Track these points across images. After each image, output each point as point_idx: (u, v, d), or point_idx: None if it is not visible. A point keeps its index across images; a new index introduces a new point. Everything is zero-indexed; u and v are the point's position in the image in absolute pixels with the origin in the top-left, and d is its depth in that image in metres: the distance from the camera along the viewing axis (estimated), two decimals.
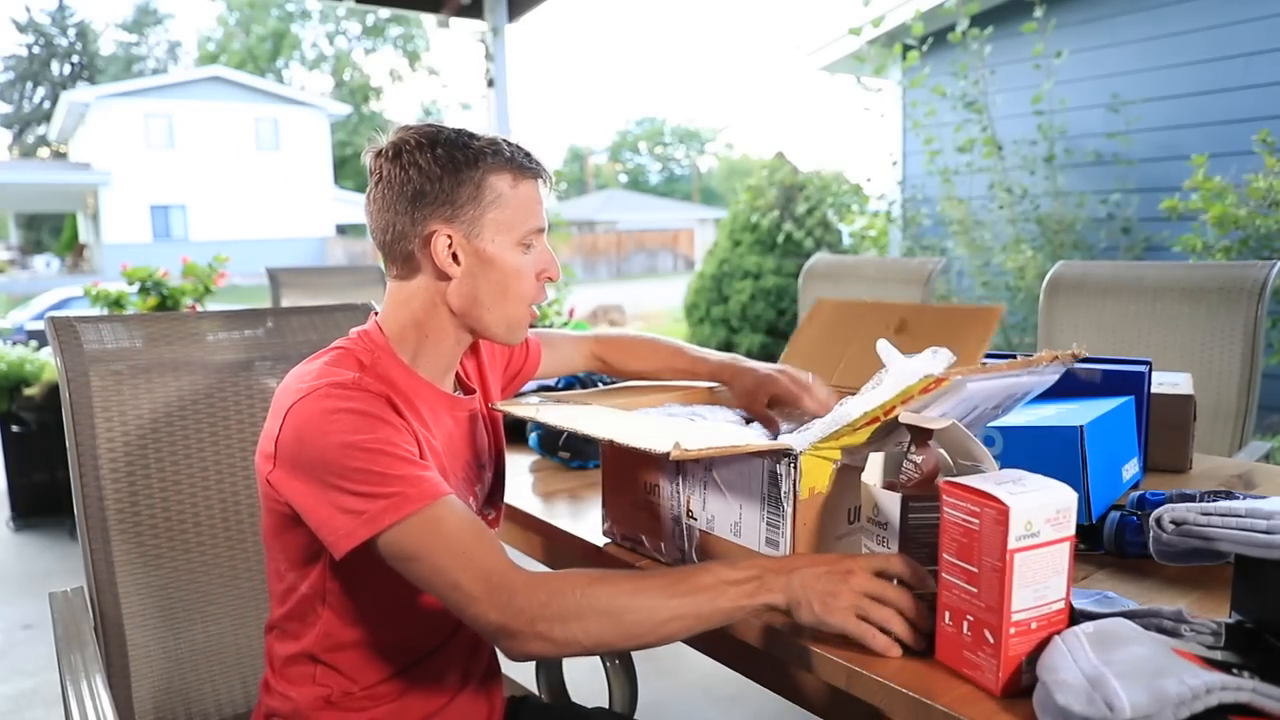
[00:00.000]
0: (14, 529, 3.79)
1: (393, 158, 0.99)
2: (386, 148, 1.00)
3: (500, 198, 1.00)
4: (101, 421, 1.22)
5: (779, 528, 0.92)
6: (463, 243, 1.00)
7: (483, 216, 1.00)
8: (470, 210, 0.99)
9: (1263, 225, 3.28)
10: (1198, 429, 1.42)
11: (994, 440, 1.11)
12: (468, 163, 0.98)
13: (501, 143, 1.02)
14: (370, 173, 1.02)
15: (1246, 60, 4.15)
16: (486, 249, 1.00)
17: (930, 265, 2.65)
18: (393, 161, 0.99)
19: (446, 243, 0.99)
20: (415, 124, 1.02)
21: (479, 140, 1.00)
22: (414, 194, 0.98)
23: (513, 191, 1.01)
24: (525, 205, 1.02)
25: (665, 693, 2.38)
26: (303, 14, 35.14)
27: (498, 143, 1.01)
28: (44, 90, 35.28)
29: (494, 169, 0.99)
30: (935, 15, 4.88)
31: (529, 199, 1.02)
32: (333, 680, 1.03)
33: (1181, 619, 0.76)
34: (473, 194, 0.99)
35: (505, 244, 1.01)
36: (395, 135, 1.01)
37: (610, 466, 1.14)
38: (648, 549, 1.09)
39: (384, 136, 1.02)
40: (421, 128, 1.01)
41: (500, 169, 1.00)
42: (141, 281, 3.83)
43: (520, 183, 1.02)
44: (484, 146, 1.00)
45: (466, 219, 0.99)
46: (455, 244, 1.00)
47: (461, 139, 1.00)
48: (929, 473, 0.83)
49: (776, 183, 6.71)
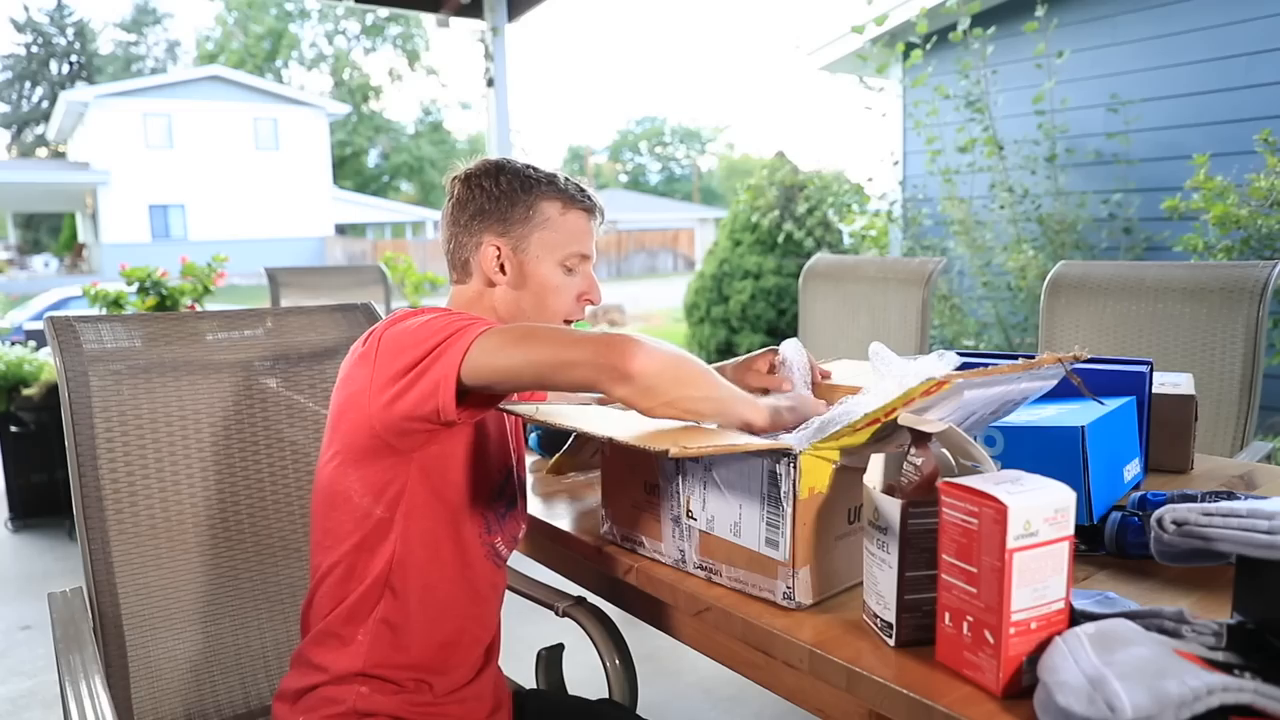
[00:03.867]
0: (13, 529, 3.79)
1: (465, 180, 1.16)
2: (462, 173, 1.17)
3: (548, 221, 1.15)
4: (101, 421, 1.22)
5: (779, 527, 0.92)
6: (510, 255, 1.15)
7: (530, 235, 1.15)
8: (520, 228, 1.14)
9: (1264, 225, 3.27)
10: (1199, 429, 1.41)
11: (995, 440, 1.11)
12: (524, 188, 1.15)
13: (560, 176, 1.17)
14: (447, 194, 1.19)
15: (1248, 60, 4.14)
16: (529, 264, 1.15)
17: (931, 265, 2.65)
18: (465, 184, 1.16)
19: (495, 253, 1.15)
20: (493, 158, 1.19)
21: (540, 172, 1.17)
22: (475, 211, 1.15)
23: (561, 218, 1.16)
24: (571, 231, 1.16)
25: (665, 693, 2.38)
26: (301, 13, 35.14)
27: (556, 176, 1.17)
28: (42, 90, 35.28)
29: (547, 195, 1.15)
30: (937, 14, 4.87)
31: (576, 227, 1.17)
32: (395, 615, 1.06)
33: (1183, 620, 0.76)
34: (524, 214, 1.14)
35: (548, 262, 1.15)
36: (472, 164, 1.18)
37: (610, 466, 1.14)
38: (647, 549, 1.09)
39: (464, 163, 1.19)
40: (494, 159, 1.18)
41: (553, 196, 1.16)
42: (140, 281, 3.83)
43: (569, 211, 1.16)
44: (542, 177, 1.16)
45: (515, 235, 1.15)
46: (503, 255, 1.15)
47: (525, 169, 1.16)
48: (929, 474, 0.83)
49: (777, 183, 6.70)
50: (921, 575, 0.82)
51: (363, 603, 1.06)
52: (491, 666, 1.17)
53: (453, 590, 1.09)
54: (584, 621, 1.22)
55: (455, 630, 1.11)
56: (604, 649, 1.20)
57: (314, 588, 1.11)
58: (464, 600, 1.11)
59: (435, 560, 1.07)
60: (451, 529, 1.07)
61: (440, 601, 1.09)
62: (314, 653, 1.09)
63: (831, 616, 0.91)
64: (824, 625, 0.89)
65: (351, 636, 1.07)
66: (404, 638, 1.07)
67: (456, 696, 1.11)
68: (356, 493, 1.05)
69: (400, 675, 1.07)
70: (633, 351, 0.88)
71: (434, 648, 1.09)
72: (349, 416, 1.03)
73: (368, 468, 1.04)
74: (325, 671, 1.07)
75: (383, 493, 1.04)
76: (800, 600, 0.92)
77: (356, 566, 1.07)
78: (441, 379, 0.94)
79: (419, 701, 1.08)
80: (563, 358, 0.91)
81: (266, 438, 1.35)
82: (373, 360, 1.01)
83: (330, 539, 1.08)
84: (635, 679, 1.21)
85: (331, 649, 1.07)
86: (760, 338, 6.56)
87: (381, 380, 0.99)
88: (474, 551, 1.10)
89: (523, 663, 1.37)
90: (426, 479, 1.04)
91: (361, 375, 1.01)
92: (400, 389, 0.97)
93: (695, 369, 0.93)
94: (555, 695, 1.28)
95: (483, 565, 1.12)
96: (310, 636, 1.10)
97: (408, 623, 1.07)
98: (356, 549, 1.06)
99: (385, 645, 1.07)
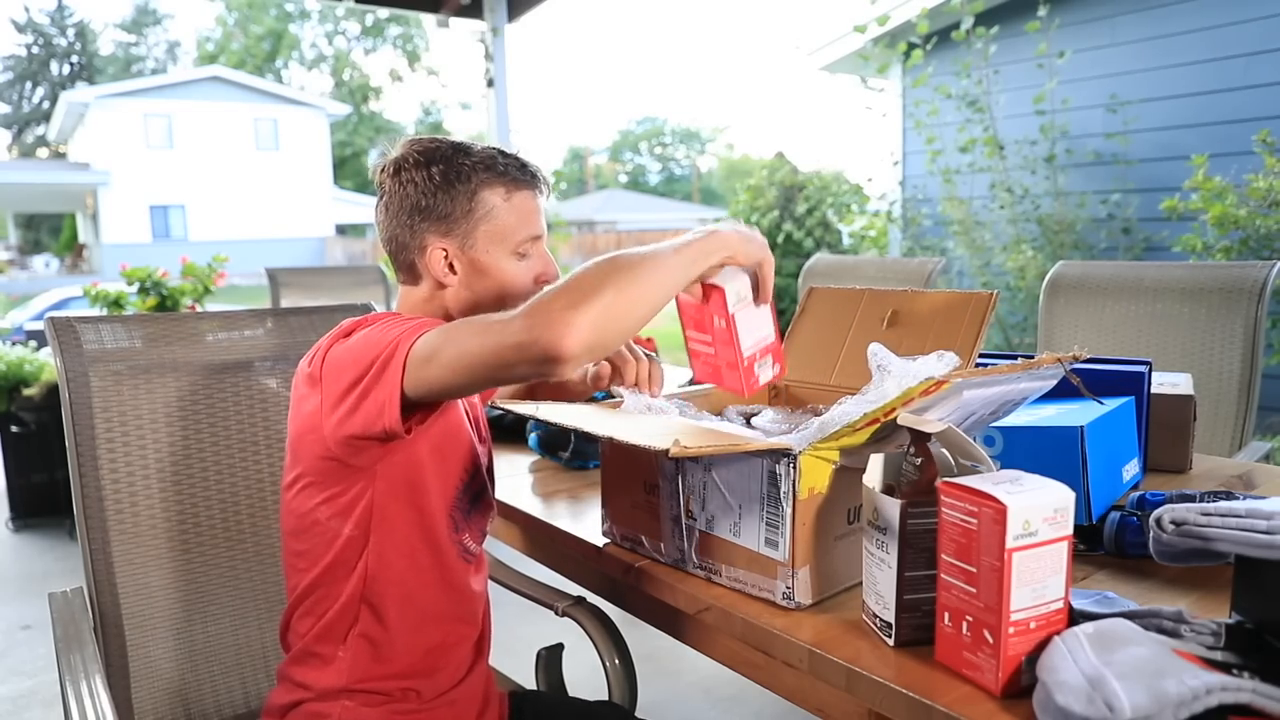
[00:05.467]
0: (13, 529, 3.79)
1: (394, 174, 1.05)
2: (389, 164, 1.06)
3: (493, 210, 1.05)
4: (101, 421, 1.22)
5: (778, 527, 0.92)
6: (458, 254, 1.05)
7: (476, 229, 1.05)
8: (464, 224, 1.04)
9: (1263, 225, 3.28)
10: (1198, 429, 1.42)
11: (994, 440, 1.11)
12: (460, 178, 1.03)
13: (497, 155, 1.06)
14: (377, 187, 1.08)
15: (1247, 60, 4.15)
16: (481, 259, 1.05)
17: (930, 265, 2.65)
18: (394, 178, 1.05)
19: (442, 255, 1.05)
20: (418, 138, 1.07)
21: (474, 155, 1.05)
22: (411, 208, 1.04)
23: (506, 204, 1.05)
24: (519, 216, 1.06)
25: (665, 693, 2.38)
26: (301, 14, 35.14)
27: (493, 156, 1.05)
28: (43, 90, 35.28)
29: (486, 183, 1.04)
30: (938, 14, 4.88)
31: (523, 210, 1.06)
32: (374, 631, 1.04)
33: (1181, 619, 0.76)
34: (466, 208, 1.04)
35: (500, 254, 1.06)
36: (398, 151, 1.06)
37: (610, 466, 1.14)
38: (647, 549, 1.09)
39: (391, 151, 1.07)
40: (422, 143, 1.06)
41: (493, 183, 1.05)
42: (141, 282, 3.83)
43: (514, 194, 1.06)
44: (478, 162, 1.04)
45: (460, 232, 1.04)
46: (451, 255, 1.05)
47: (458, 155, 1.04)
48: (928, 474, 0.83)
49: (776, 183, 6.70)
50: (921, 575, 0.82)
51: (340, 621, 1.04)
52: (482, 663, 1.16)
53: (433, 596, 1.07)
54: (584, 621, 1.22)
55: (440, 634, 1.09)
56: (604, 649, 1.20)
57: (290, 608, 1.09)
58: (446, 603, 1.09)
59: (413, 569, 1.05)
60: (425, 535, 1.05)
61: (421, 609, 1.07)
62: (296, 671, 1.07)
63: (831, 616, 0.91)
64: (824, 625, 0.90)
65: (332, 655, 1.05)
66: (386, 650, 1.05)
67: (446, 699, 1.09)
68: (325, 515, 1.03)
69: (386, 685, 1.05)
70: (560, 330, 0.82)
71: (419, 655, 1.07)
72: (307, 440, 1.01)
73: (332, 488, 1.01)
74: (309, 689, 1.05)
75: (350, 512, 1.02)
76: (800, 600, 0.92)
77: (331, 587, 1.05)
78: (386, 399, 0.91)
79: (405, 709, 1.06)
80: (495, 357, 0.86)
81: (266, 438, 1.35)
82: (319, 382, 0.98)
83: (303, 561, 1.06)
84: (635, 679, 1.21)
85: (313, 668, 1.06)
86: None
87: (330, 402, 0.96)
88: (448, 553, 1.08)
89: (522, 662, 1.37)
90: (393, 490, 1.02)
91: (312, 398, 0.99)
92: (346, 410, 0.94)
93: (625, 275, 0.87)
94: (554, 697, 1.28)
95: (458, 565, 1.10)
96: (291, 656, 1.08)
97: (389, 635, 1.05)
98: (329, 569, 1.04)
99: (367, 659, 1.05)
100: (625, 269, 0.87)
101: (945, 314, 1.19)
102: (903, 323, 1.24)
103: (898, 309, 1.26)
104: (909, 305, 1.25)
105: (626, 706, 1.20)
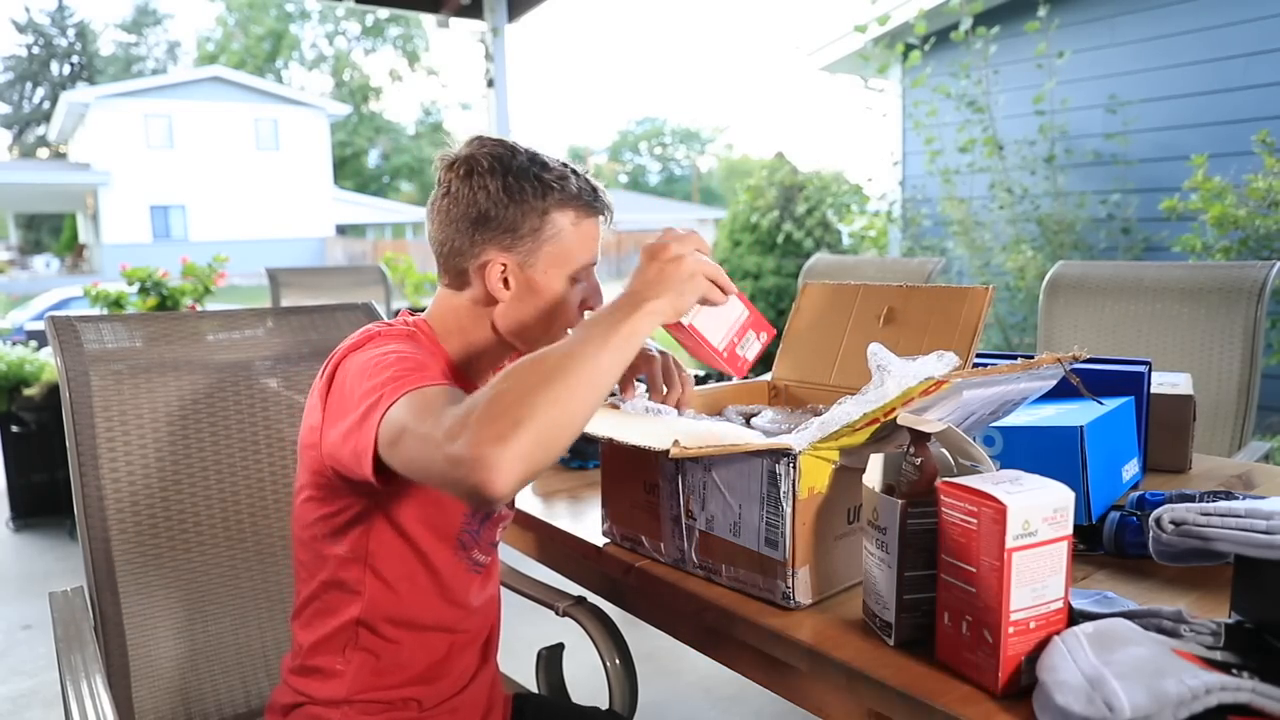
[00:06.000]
0: (14, 529, 3.79)
1: (464, 175, 0.99)
2: (460, 162, 1.00)
3: (560, 233, 1.01)
4: (101, 421, 1.22)
5: (778, 527, 0.92)
6: (516, 271, 1.01)
7: (540, 248, 1.01)
8: (530, 242, 1.00)
9: (1262, 225, 3.28)
10: (1197, 429, 1.42)
11: (994, 440, 1.11)
12: (536, 195, 0.99)
13: (571, 175, 1.02)
14: (439, 182, 1.02)
15: (1246, 61, 4.15)
16: (538, 279, 1.02)
17: (930, 265, 2.65)
18: (464, 179, 0.99)
19: (500, 270, 1.01)
20: (488, 138, 1.02)
21: (550, 172, 1.01)
22: (478, 216, 0.99)
23: (574, 229, 1.02)
24: (583, 242, 1.03)
25: (665, 693, 2.38)
26: (302, 14, 35.14)
27: (567, 176, 1.02)
28: (43, 90, 35.29)
29: (559, 204, 1.00)
30: (938, 15, 4.88)
31: (588, 236, 1.04)
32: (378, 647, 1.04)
33: (1181, 619, 0.76)
34: (535, 226, 1.00)
35: (557, 276, 1.02)
36: (469, 149, 1.01)
37: (610, 466, 1.14)
38: (647, 549, 1.09)
39: (457, 146, 1.02)
40: (496, 147, 1.01)
41: (566, 205, 1.01)
42: (141, 282, 3.83)
43: (583, 220, 1.03)
44: (553, 180, 1.00)
45: (524, 249, 1.00)
46: (509, 271, 1.01)
47: (534, 169, 1.00)
48: (928, 474, 0.83)
49: (776, 183, 6.70)
50: (920, 575, 0.82)
51: (340, 635, 1.04)
52: (487, 667, 1.15)
53: (436, 613, 1.06)
54: (584, 621, 1.22)
55: (445, 646, 1.08)
56: (604, 649, 1.20)
57: (297, 609, 1.09)
58: (450, 618, 1.08)
59: (413, 591, 1.04)
60: (423, 560, 1.04)
61: (422, 627, 1.06)
62: (299, 680, 1.07)
63: (831, 616, 0.91)
64: (824, 625, 0.90)
65: (332, 668, 1.04)
66: (388, 663, 1.04)
67: (447, 706, 1.08)
68: (321, 533, 1.03)
69: (388, 695, 1.05)
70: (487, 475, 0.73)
71: (421, 668, 1.06)
72: (309, 453, 1.00)
73: (330, 505, 1.01)
74: (311, 697, 1.05)
75: (345, 536, 1.01)
76: (799, 600, 0.92)
77: (329, 602, 1.04)
78: (363, 450, 0.86)
79: (405, 718, 1.05)
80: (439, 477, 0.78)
81: (267, 438, 1.35)
82: (325, 398, 0.97)
83: (305, 571, 1.06)
84: (635, 679, 1.21)
85: (315, 680, 1.05)
86: None
87: (330, 422, 0.95)
88: (451, 571, 1.07)
89: (523, 662, 1.37)
90: (388, 517, 1.01)
91: (318, 411, 0.97)
92: (337, 440, 0.92)
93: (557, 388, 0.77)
94: (556, 702, 1.28)
95: (464, 579, 1.09)
96: (295, 664, 1.08)
97: (391, 651, 1.04)
98: (326, 586, 1.04)
99: (368, 673, 1.04)
100: (557, 381, 0.78)
101: (942, 311, 1.19)
102: (899, 320, 1.24)
103: (894, 306, 1.26)
104: (904, 302, 1.25)
105: (627, 707, 1.20)
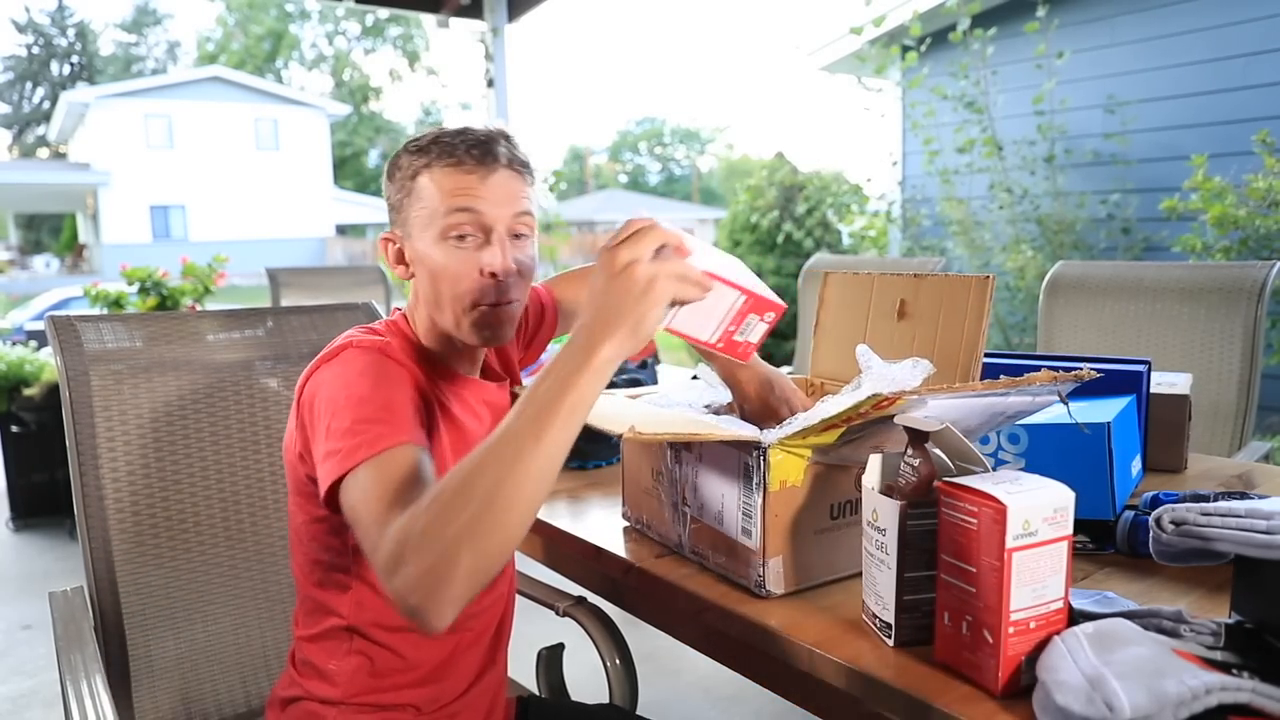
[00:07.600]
0: (14, 529, 3.79)
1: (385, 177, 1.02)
2: None
3: (420, 190, 0.95)
4: (101, 421, 1.22)
5: (751, 517, 0.94)
6: (405, 244, 0.98)
7: (409, 213, 0.96)
8: (403, 213, 0.97)
9: (1262, 225, 3.28)
10: (1197, 429, 1.42)
11: (1019, 438, 1.11)
12: (400, 165, 0.97)
13: (440, 133, 0.96)
14: None
15: (1246, 61, 4.15)
16: (417, 247, 0.96)
17: (930, 265, 2.65)
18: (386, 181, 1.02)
19: (387, 247, 1.00)
20: None
21: (425, 138, 0.96)
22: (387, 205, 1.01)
23: (430, 183, 0.94)
24: (441, 192, 0.93)
25: (665, 692, 2.38)
26: (302, 14, 35.15)
27: (439, 138, 0.95)
28: (43, 90, 35.29)
29: (425, 168, 0.95)
30: (936, 15, 4.88)
31: (447, 185, 0.93)
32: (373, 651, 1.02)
33: (1181, 619, 0.76)
34: (404, 194, 0.97)
35: (426, 238, 0.95)
36: None
37: (629, 453, 1.19)
38: (654, 533, 1.13)
39: None
40: None
41: (423, 162, 0.95)
42: (141, 282, 3.83)
43: (435, 168, 0.94)
44: (423, 146, 0.95)
45: (401, 219, 0.98)
46: (399, 248, 0.99)
47: (412, 143, 0.97)
48: (926, 475, 0.83)
49: (776, 183, 6.70)
50: (920, 575, 0.82)
51: (333, 637, 1.02)
52: (492, 671, 1.12)
53: None
54: (584, 621, 1.22)
55: (445, 652, 1.04)
56: (604, 649, 1.20)
57: (297, 605, 1.08)
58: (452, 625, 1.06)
59: None
60: None
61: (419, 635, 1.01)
62: (298, 675, 1.06)
63: (831, 616, 0.91)
64: (823, 625, 0.90)
65: (328, 669, 1.03)
66: (383, 666, 1.02)
67: (446, 711, 1.06)
68: (309, 535, 1.01)
69: (384, 699, 1.03)
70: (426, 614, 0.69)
71: (421, 673, 1.03)
72: (288, 455, 0.99)
73: (316, 510, 0.97)
74: (309, 693, 1.04)
75: (330, 543, 1.00)
76: (771, 589, 0.94)
77: (323, 605, 1.03)
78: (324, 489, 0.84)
79: None
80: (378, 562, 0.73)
81: (267, 438, 1.35)
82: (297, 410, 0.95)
83: (300, 571, 1.05)
84: (635, 679, 1.21)
85: (312, 679, 1.04)
86: None
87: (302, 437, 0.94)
88: None
89: (523, 662, 1.37)
90: None
91: (294, 419, 0.96)
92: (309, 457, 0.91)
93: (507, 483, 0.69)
94: (558, 702, 1.27)
95: None
96: (296, 659, 1.07)
97: (385, 655, 1.02)
98: (320, 588, 1.02)
99: (365, 675, 1.02)
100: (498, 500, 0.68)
101: (949, 304, 1.20)
102: (911, 314, 1.25)
103: (905, 297, 1.28)
104: (914, 293, 1.26)
105: (627, 706, 1.20)
